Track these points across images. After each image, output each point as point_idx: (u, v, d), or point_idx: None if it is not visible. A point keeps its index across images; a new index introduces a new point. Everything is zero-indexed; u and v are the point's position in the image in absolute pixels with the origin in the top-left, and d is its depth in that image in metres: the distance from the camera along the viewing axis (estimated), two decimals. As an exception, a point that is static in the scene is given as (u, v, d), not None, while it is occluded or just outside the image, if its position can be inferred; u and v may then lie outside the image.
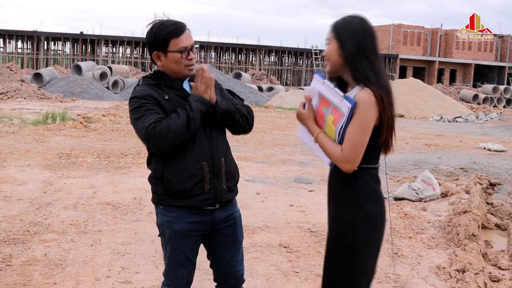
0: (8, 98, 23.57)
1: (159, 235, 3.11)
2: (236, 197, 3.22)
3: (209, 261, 3.25)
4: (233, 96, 3.17)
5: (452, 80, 56.11)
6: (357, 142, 2.68)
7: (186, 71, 2.96)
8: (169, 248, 3.05)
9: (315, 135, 2.83)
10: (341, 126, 2.74)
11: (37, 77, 30.04)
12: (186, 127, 2.82)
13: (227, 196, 3.04)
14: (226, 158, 3.03)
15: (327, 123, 2.81)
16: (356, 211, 2.76)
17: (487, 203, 7.95)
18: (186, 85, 3.03)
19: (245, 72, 44.82)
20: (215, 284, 3.29)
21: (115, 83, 30.48)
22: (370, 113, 2.67)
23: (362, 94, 2.69)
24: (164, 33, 2.91)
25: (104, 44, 47.58)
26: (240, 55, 52.42)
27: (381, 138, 2.76)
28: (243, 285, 3.32)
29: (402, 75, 52.35)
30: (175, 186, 2.93)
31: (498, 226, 6.98)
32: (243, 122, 3.06)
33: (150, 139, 2.81)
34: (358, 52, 2.74)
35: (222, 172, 2.99)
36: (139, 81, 3.07)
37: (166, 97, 2.92)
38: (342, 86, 2.89)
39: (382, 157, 2.89)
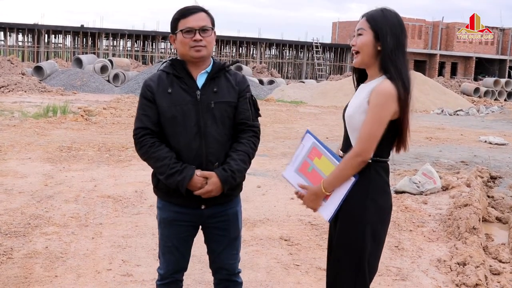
0: (9, 91, 23.52)
1: (156, 218, 3.20)
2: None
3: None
4: (249, 107, 3.05)
5: (453, 73, 55.97)
6: (371, 133, 2.66)
7: (192, 52, 2.92)
8: (159, 233, 3.16)
9: (322, 188, 2.81)
10: (325, 151, 2.84)
11: (38, 70, 29.99)
12: (156, 173, 3.00)
13: (217, 199, 3.00)
14: (222, 163, 2.96)
15: (320, 168, 2.85)
16: (367, 203, 2.75)
17: (488, 196, 7.96)
18: (201, 78, 2.98)
19: (246, 65, 44.73)
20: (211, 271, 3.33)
21: (115, 76, 30.41)
22: (389, 106, 2.65)
23: (384, 85, 2.67)
24: (175, 15, 2.97)
25: (104, 37, 47.49)
26: (241, 48, 52.31)
27: (399, 136, 2.76)
28: (243, 278, 3.33)
29: (403, 68, 52.10)
30: (162, 184, 2.99)
31: (498, 219, 6.99)
32: (247, 168, 3.08)
33: (134, 141, 3.02)
34: (397, 47, 2.72)
35: None
36: (163, 62, 3.10)
37: (169, 90, 2.92)
38: (363, 79, 2.88)
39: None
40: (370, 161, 2.74)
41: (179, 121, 2.90)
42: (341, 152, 2.89)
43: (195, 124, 2.90)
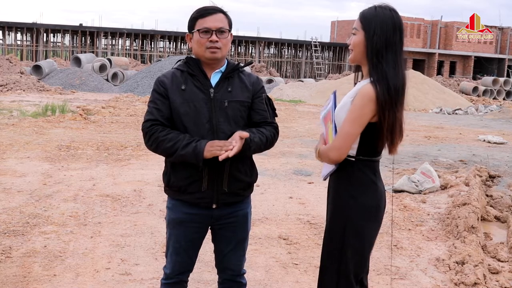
0: (7, 90, 23.50)
1: (165, 218, 3.19)
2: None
3: (208, 254, 3.27)
4: (266, 107, 3.07)
5: (452, 72, 56.00)
6: (345, 131, 2.69)
7: (208, 53, 2.92)
8: (167, 233, 3.15)
9: (317, 153, 2.85)
10: (327, 113, 2.84)
11: (37, 69, 29.97)
12: (168, 155, 2.91)
13: (229, 199, 3.01)
14: (235, 162, 2.94)
15: (328, 131, 2.86)
16: (349, 201, 2.77)
17: (487, 195, 7.95)
18: (215, 77, 2.99)
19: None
20: (216, 270, 3.32)
21: (114, 75, 30.40)
22: (366, 108, 2.66)
23: (365, 88, 2.68)
24: (193, 14, 2.97)
25: (103, 36, 47.47)
26: (239, 47, 52.31)
27: (385, 139, 2.75)
28: (246, 276, 3.33)
29: (402, 67, 52.15)
30: (174, 182, 2.99)
31: (497, 218, 6.98)
32: (256, 152, 3.02)
33: (143, 133, 2.98)
34: (385, 49, 2.69)
35: (225, 175, 2.95)
36: (178, 61, 3.09)
37: (183, 87, 2.93)
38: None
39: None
40: (353, 159, 2.77)
41: (191, 118, 2.90)
42: None
43: (208, 121, 2.90)
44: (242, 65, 3.09)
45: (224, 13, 2.99)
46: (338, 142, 2.71)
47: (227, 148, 2.77)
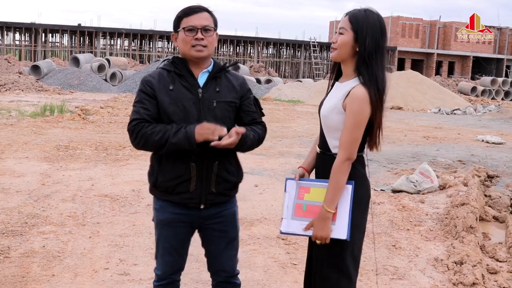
0: (6, 90, 23.48)
1: (152, 219, 3.17)
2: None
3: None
4: (255, 108, 3.11)
5: (451, 72, 56.06)
6: (353, 138, 2.76)
7: (193, 51, 2.92)
8: (156, 234, 3.13)
9: (325, 209, 2.80)
10: (310, 182, 2.95)
11: (35, 69, 29.95)
12: (159, 147, 2.87)
13: (216, 199, 3.02)
14: (223, 162, 2.97)
15: (313, 199, 2.90)
16: None
17: (485, 195, 7.96)
18: (203, 77, 2.99)
19: (243, 64, 44.74)
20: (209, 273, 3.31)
21: (113, 75, 30.39)
22: (366, 111, 2.74)
23: (358, 91, 2.74)
24: (179, 13, 2.98)
25: (102, 36, 47.44)
26: (238, 47, 52.30)
27: (370, 137, 2.86)
28: (240, 277, 3.33)
29: (401, 67, 52.33)
30: (161, 182, 2.98)
31: (496, 218, 7.00)
32: (250, 148, 3.06)
33: (129, 133, 2.93)
34: (375, 51, 2.76)
35: (212, 175, 2.95)
36: (163, 60, 3.07)
37: (171, 87, 2.92)
38: (340, 74, 2.95)
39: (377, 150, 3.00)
40: None
41: (181, 118, 2.89)
42: (318, 149, 2.99)
43: (197, 122, 2.89)
44: (228, 65, 3.10)
45: (209, 12, 3.01)
46: (349, 150, 2.76)
47: (219, 132, 2.78)
